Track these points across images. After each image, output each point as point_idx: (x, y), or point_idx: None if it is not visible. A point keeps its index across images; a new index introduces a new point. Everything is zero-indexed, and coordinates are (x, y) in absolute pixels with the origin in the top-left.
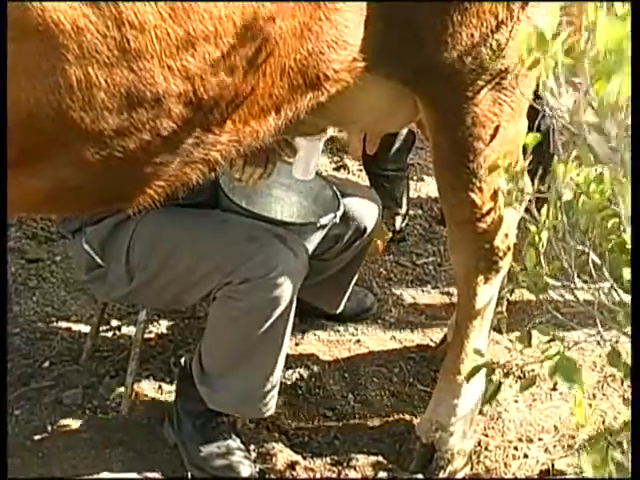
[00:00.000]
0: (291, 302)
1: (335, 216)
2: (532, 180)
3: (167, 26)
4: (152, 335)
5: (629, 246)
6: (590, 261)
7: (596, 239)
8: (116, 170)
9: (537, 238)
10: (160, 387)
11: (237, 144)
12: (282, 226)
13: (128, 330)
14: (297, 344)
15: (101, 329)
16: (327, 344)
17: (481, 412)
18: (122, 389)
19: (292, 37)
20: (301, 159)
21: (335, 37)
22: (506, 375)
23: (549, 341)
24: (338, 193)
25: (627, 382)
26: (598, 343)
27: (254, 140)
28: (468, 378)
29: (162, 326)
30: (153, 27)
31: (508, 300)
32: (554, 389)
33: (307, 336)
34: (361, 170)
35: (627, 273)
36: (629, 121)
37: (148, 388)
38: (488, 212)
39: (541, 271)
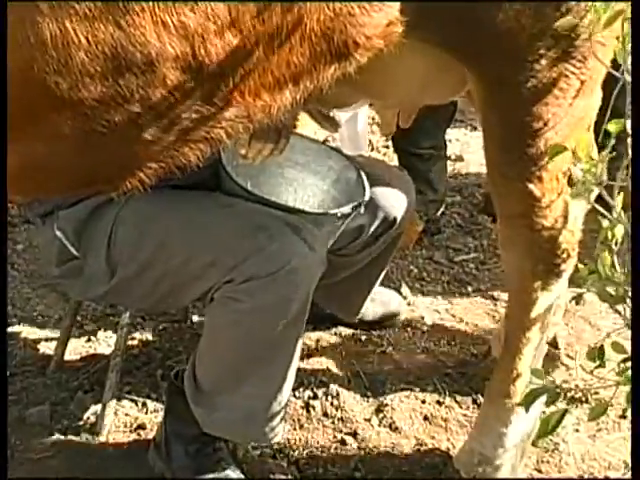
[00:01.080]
0: (305, 304)
1: (359, 204)
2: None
3: None
4: (135, 342)
5: None
6: None
7: None
8: (98, 147)
9: (610, 235)
10: (145, 405)
11: (246, 120)
12: (295, 214)
13: (106, 336)
14: (310, 356)
15: (73, 334)
16: (346, 356)
17: (534, 443)
18: (98, 407)
19: None
20: (348, 133)
21: None
22: (570, 400)
23: (624, 360)
24: (363, 175)
25: None
26: None
27: (266, 116)
28: (526, 405)
29: (148, 331)
30: None
31: (567, 309)
32: (623, 416)
33: (322, 346)
34: (388, 147)
35: None
36: None
37: (130, 406)
38: (548, 205)
39: (617, 276)
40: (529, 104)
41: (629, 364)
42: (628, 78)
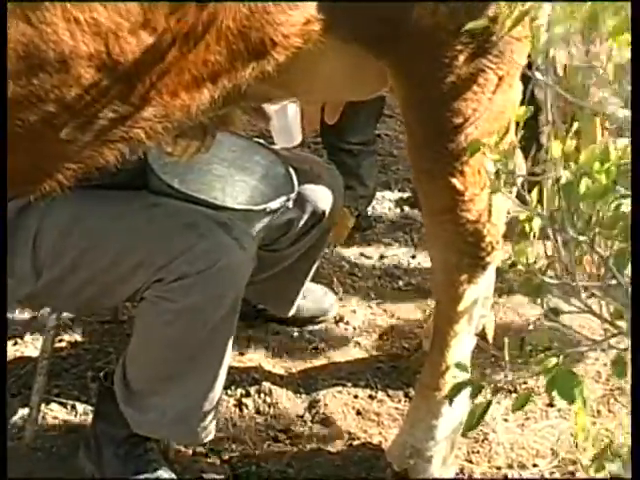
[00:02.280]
0: (236, 303)
1: (288, 199)
2: (525, 159)
3: None
4: (64, 344)
5: None
6: (594, 255)
7: (600, 228)
8: (13, 148)
9: (528, 227)
10: (74, 407)
11: (164, 119)
12: (224, 211)
13: (34, 338)
14: (242, 353)
15: None
16: (278, 353)
17: (464, 434)
18: (26, 410)
19: None
20: (279, 124)
21: None
22: (497, 391)
23: (545, 350)
24: (291, 170)
25: None
26: (603, 350)
27: (185, 115)
28: (450, 398)
29: (76, 332)
30: None
31: (496, 301)
32: (550, 405)
33: (254, 344)
34: (318, 143)
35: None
36: None
37: (59, 409)
38: (471, 199)
39: (534, 267)
40: (448, 100)
41: (548, 354)
42: (538, 75)
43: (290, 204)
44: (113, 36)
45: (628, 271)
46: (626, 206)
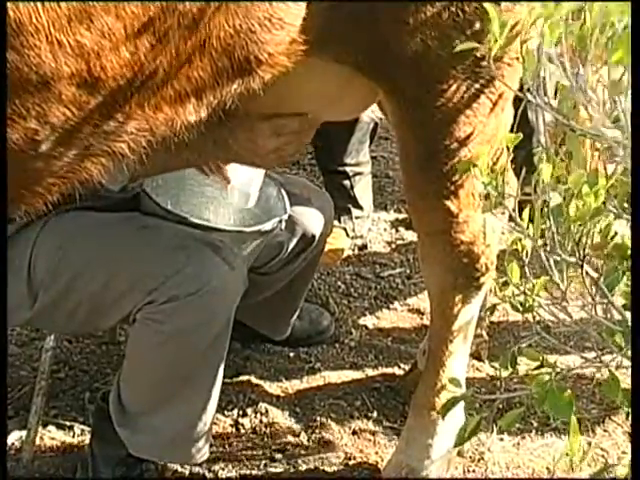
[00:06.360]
0: (227, 324)
1: (281, 220)
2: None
3: None
4: (61, 365)
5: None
6: (583, 274)
7: (589, 249)
8: None
9: (520, 247)
10: (71, 429)
11: (148, 133)
12: (215, 232)
13: (31, 360)
14: (239, 374)
15: None
16: (275, 373)
17: (459, 453)
18: (24, 432)
19: (213, 9)
20: (239, 186)
21: (269, 13)
22: (490, 409)
23: (537, 367)
24: (283, 192)
25: None
26: (599, 370)
27: (169, 129)
28: (443, 413)
29: (74, 354)
30: None
31: (491, 321)
32: (546, 424)
33: (250, 364)
34: (314, 165)
35: (624, 284)
36: None
37: (56, 430)
38: (465, 221)
39: (527, 286)
40: (440, 124)
41: (543, 370)
42: (530, 97)
43: (283, 225)
44: (95, 55)
45: (618, 291)
46: (616, 227)
